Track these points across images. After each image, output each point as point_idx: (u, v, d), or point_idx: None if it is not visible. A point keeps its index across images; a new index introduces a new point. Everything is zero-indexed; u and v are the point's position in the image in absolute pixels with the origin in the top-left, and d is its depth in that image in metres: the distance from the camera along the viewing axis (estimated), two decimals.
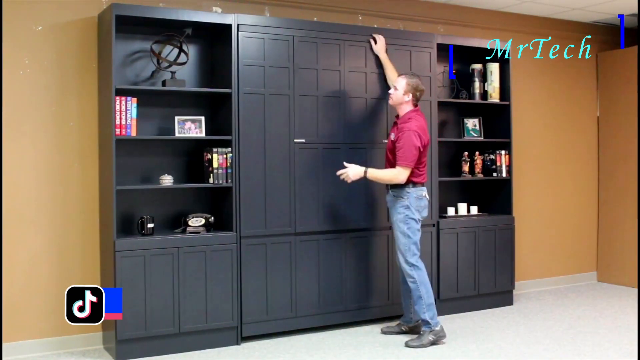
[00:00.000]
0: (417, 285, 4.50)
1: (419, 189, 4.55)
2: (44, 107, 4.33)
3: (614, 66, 6.54)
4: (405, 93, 4.54)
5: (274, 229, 4.60)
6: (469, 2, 5.75)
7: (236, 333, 4.51)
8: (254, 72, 4.50)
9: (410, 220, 4.51)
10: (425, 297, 4.49)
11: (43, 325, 4.32)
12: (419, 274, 4.50)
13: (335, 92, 4.81)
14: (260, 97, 4.53)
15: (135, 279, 4.18)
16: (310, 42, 4.70)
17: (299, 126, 4.67)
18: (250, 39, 4.49)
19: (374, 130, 4.97)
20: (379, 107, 4.97)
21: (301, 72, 4.66)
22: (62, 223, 4.38)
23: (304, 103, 4.68)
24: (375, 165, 4.81)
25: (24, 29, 4.26)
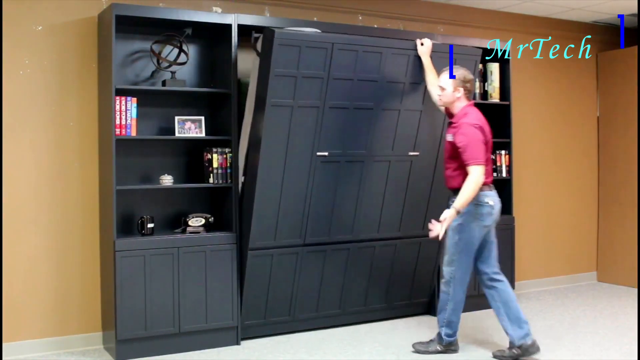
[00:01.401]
0: (448, 300, 4.17)
1: (480, 194, 4.01)
2: (44, 107, 4.33)
3: (614, 66, 6.54)
4: (455, 89, 4.12)
5: (284, 240, 4.52)
6: (469, 2, 5.75)
7: (236, 333, 4.51)
8: (285, 83, 4.17)
9: (466, 229, 4.04)
10: (449, 314, 4.18)
11: (43, 325, 4.33)
12: (455, 290, 4.15)
13: (369, 103, 4.51)
14: (288, 109, 4.24)
15: (135, 279, 4.18)
16: (350, 50, 4.32)
17: (325, 138, 4.41)
18: (286, 46, 4.09)
19: (402, 142, 4.72)
20: (412, 119, 4.70)
21: (335, 82, 4.34)
22: (62, 223, 4.38)
23: (334, 115, 4.40)
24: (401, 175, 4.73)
25: (24, 29, 4.26)
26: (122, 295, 4.14)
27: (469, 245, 4.08)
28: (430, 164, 4.87)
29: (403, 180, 4.81)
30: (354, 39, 4.36)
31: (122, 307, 4.14)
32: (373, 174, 4.67)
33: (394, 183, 4.78)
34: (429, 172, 4.89)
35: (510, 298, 4.19)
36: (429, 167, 4.88)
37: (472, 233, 4.06)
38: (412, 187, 4.86)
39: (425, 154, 4.83)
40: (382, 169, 4.70)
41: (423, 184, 4.91)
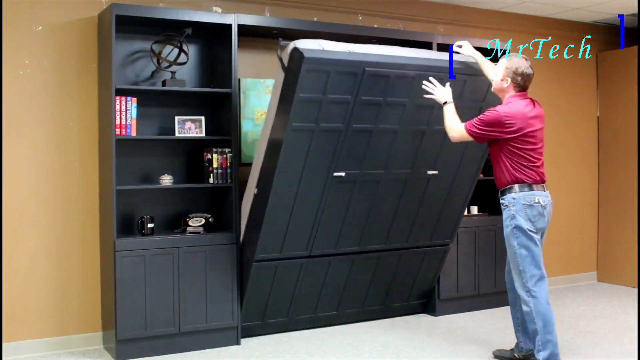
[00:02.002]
0: (533, 317, 3.77)
1: (528, 193, 3.79)
2: (44, 107, 4.33)
3: (614, 66, 6.54)
4: (503, 78, 3.89)
5: (289, 252, 4.48)
6: (469, 2, 5.75)
7: (236, 333, 4.50)
8: (309, 107, 3.95)
9: (519, 232, 3.79)
10: (542, 332, 3.74)
11: (43, 325, 4.33)
12: (535, 303, 3.75)
13: (394, 126, 4.32)
14: (309, 133, 4.05)
15: (135, 279, 4.18)
16: (381, 75, 4.08)
17: (343, 159, 4.26)
18: (314, 72, 3.84)
19: (422, 162, 4.58)
20: (436, 139, 4.50)
21: (362, 106, 4.13)
22: (62, 223, 4.38)
23: (356, 137, 4.23)
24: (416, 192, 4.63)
25: (24, 29, 4.26)
26: (122, 295, 4.14)
27: (529, 249, 3.78)
28: (447, 181, 4.77)
29: (417, 197, 4.70)
30: (386, 60, 4.07)
31: (122, 307, 4.14)
32: (388, 192, 4.56)
33: (407, 199, 4.67)
34: (445, 188, 4.78)
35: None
36: (446, 184, 4.76)
37: (528, 236, 3.79)
38: (426, 202, 4.77)
39: (444, 172, 4.70)
40: (397, 187, 4.58)
41: (437, 200, 4.81)
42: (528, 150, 3.81)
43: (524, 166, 3.81)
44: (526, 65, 3.87)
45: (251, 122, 4.93)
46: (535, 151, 3.84)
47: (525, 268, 3.78)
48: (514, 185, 3.82)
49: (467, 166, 4.78)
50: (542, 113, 3.96)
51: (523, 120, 3.78)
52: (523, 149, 3.80)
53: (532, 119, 3.83)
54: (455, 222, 5.04)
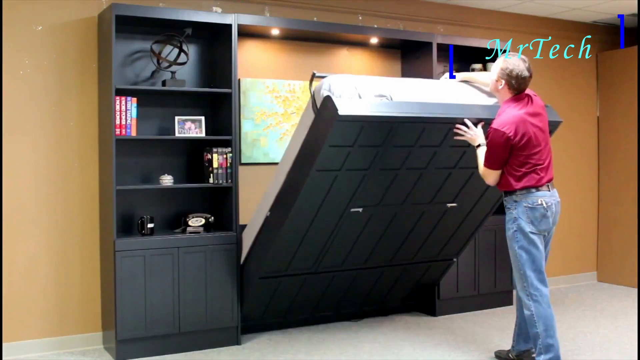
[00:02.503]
0: (534, 320, 3.71)
1: (531, 195, 3.72)
2: (44, 107, 4.33)
3: (614, 66, 6.54)
4: (497, 79, 3.79)
5: (295, 269, 4.45)
6: (469, 2, 5.75)
7: (236, 333, 4.50)
8: (337, 152, 3.76)
9: (521, 235, 3.72)
10: (543, 336, 3.69)
11: (43, 325, 4.33)
12: (537, 307, 3.70)
13: (421, 166, 4.15)
14: (333, 174, 3.88)
15: (135, 279, 4.18)
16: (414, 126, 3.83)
17: (363, 197, 4.13)
18: (346, 122, 3.58)
19: (443, 196, 4.43)
20: (462, 176, 4.36)
21: (392, 149, 3.92)
22: (62, 223, 4.38)
23: (380, 176, 4.06)
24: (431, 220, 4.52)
25: (24, 29, 4.26)
26: (122, 295, 4.14)
27: (530, 252, 3.72)
28: (465, 211, 4.66)
29: (431, 225, 4.62)
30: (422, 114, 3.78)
31: (122, 307, 4.14)
32: (403, 222, 4.46)
33: (422, 226, 4.59)
34: (461, 216, 4.69)
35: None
36: (463, 213, 4.67)
37: (529, 239, 3.72)
38: (440, 228, 4.69)
39: (464, 204, 4.58)
40: (413, 217, 4.48)
41: (452, 226, 4.74)
42: (532, 154, 3.71)
43: (528, 171, 3.71)
44: (522, 68, 3.75)
45: (251, 122, 4.93)
46: (539, 153, 3.74)
47: (526, 272, 3.72)
48: (515, 189, 3.75)
49: (488, 198, 4.64)
50: (541, 105, 3.83)
51: (524, 127, 3.68)
52: (528, 155, 3.70)
53: (533, 118, 3.74)
54: (465, 242, 4.99)
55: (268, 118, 4.97)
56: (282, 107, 5.03)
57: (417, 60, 5.35)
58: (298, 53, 5.12)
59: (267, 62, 5.01)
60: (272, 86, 4.99)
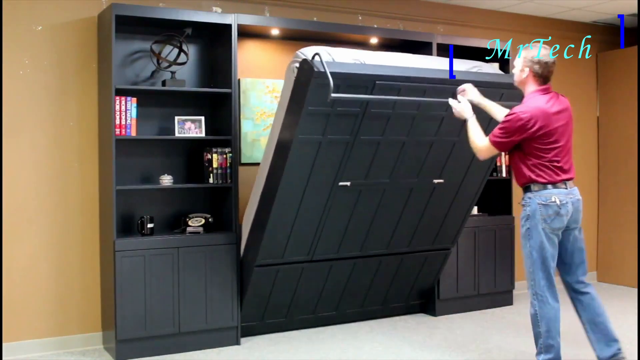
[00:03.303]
0: (537, 320, 3.69)
1: (545, 192, 3.59)
2: (43, 107, 4.33)
3: (614, 66, 6.54)
4: (521, 69, 3.70)
5: (291, 257, 4.46)
6: (469, 2, 5.75)
7: (236, 333, 4.50)
8: (317, 119, 3.86)
9: (533, 234, 3.61)
10: (545, 337, 3.67)
11: (43, 325, 4.33)
12: (541, 307, 3.67)
13: (402, 135, 4.24)
14: (316, 144, 3.98)
15: (135, 279, 4.18)
16: (392, 88, 3.95)
17: (349, 169, 4.21)
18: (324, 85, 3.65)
19: (428, 171, 4.51)
20: (445, 148, 4.46)
21: (371, 117, 4.03)
22: (62, 223, 4.38)
23: (363, 147, 4.15)
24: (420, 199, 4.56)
25: (24, 29, 4.26)
26: (122, 295, 4.14)
27: (541, 251, 3.61)
28: (453, 189, 4.71)
29: (422, 204, 4.65)
30: (397, 73, 3.93)
31: (122, 307, 4.14)
32: (393, 199, 4.51)
33: (412, 206, 4.63)
34: (450, 195, 4.74)
35: (595, 313, 3.80)
36: (452, 191, 4.72)
37: (541, 238, 3.60)
38: (430, 209, 4.72)
39: (451, 180, 4.64)
40: (402, 195, 4.53)
41: (442, 206, 4.77)
42: (549, 149, 3.59)
43: (543, 166, 3.59)
44: (545, 53, 3.67)
45: (251, 122, 4.93)
46: (559, 149, 3.60)
47: (535, 271, 3.64)
48: (530, 184, 3.63)
49: (474, 174, 4.72)
50: (566, 106, 3.72)
51: (544, 118, 3.56)
52: (544, 149, 3.58)
53: (556, 114, 3.61)
54: (458, 228, 5.01)
55: (268, 118, 4.97)
56: None
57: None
58: None
59: (267, 62, 5.01)
60: (272, 86, 4.99)
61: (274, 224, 4.19)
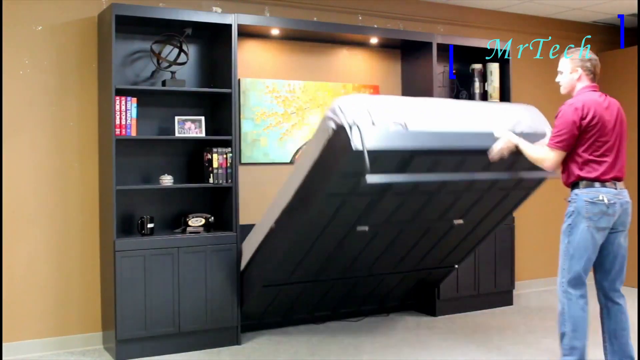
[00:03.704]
0: (565, 319, 3.56)
1: (593, 189, 3.49)
2: (43, 107, 4.33)
3: (614, 66, 6.54)
4: (572, 71, 3.64)
5: (297, 278, 4.44)
6: (469, 2, 5.75)
7: (236, 333, 4.50)
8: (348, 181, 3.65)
9: (575, 231, 3.51)
10: (570, 337, 3.53)
11: (43, 325, 4.33)
12: (570, 307, 3.54)
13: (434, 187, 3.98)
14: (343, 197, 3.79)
15: (135, 279, 4.18)
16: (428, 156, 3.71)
17: (371, 217, 4.03)
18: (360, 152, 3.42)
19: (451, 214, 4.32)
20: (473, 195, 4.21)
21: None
22: (62, 223, 4.38)
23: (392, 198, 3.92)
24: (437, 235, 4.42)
25: (24, 29, 4.26)
26: (122, 295, 4.14)
27: (580, 250, 3.50)
28: (471, 226, 4.57)
29: (437, 238, 4.57)
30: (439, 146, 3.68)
31: (122, 307, 4.14)
32: (408, 236, 4.41)
33: (427, 240, 4.55)
34: (467, 231, 4.62)
35: (620, 327, 3.70)
36: (469, 228, 4.59)
37: (584, 236, 3.50)
38: (444, 242, 4.63)
39: (470, 220, 4.48)
40: (419, 232, 4.42)
41: (455, 239, 4.68)
42: (600, 144, 3.51)
43: (593, 162, 3.50)
44: (590, 53, 3.67)
45: (251, 122, 4.93)
46: (608, 144, 3.52)
47: (569, 269, 3.54)
48: (578, 181, 3.54)
49: (496, 214, 4.55)
50: (618, 107, 3.70)
51: (597, 109, 3.51)
52: (595, 144, 3.50)
53: (607, 110, 3.58)
54: (467, 252, 4.94)
55: (268, 118, 4.98)
56: (282, 107, 5.03)
57: (417, 60, 5.35)
58: (298, 53, 5.12)
59: (267, 62, 5.01)
60: (272, 86, 4.99)
61: (285, 255, 4.13)
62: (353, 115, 3.45)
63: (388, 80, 5.48)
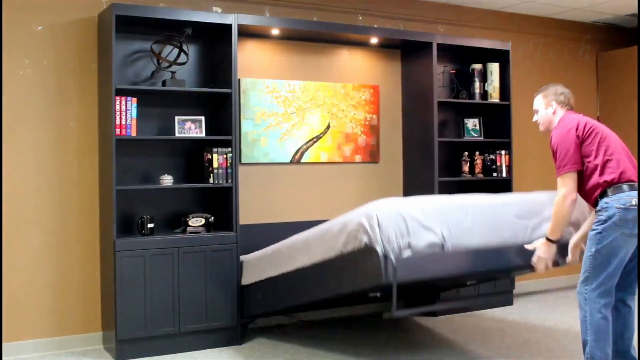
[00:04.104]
0: (587, 327, 3.38)
1: (623, 195, 3.29)
2: (43, 107, 4.33)
3: (614, 66, 6.54)
4: (547, 106, 3.64)
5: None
6: (469, 2, 5.75)
7: (236, 333, 4.50)
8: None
9: (605, 240, 3.30)
10: (592, 346, 3.35)
11: (43, 325, 4.32)
12: (592, 315, 3.35)
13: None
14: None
15: (135, 279, 4.18)
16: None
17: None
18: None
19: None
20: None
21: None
22: (62, 223, 4.38)
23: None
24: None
25: (24, 29, 4.26)
26: (122, 295, 4.14)
27: (610, 258, 3.31)
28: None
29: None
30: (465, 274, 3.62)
31: (122, 307, 4.14)
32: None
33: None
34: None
35: (627, 329, 3.58)
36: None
37: (616, 243, 3.30)
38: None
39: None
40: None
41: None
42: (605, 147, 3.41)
43: (608, 161, 3.37)
44: (562, 86, 3.68)
45: (251, 122, 4.93)
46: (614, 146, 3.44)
47: (595, 277, 3.36)
48: (605, 189, 3.36)
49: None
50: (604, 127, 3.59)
51: (588, 120, 3.49)
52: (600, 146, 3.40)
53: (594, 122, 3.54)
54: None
55: (268, 118, 4.98)
56: (282, 107, 5.03)
57: (417, 60, 5.35)
58: (298, 53, 5.12)
59: (267, 62, 5.01)
60: (272, 86, 4.99)
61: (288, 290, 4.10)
62: (389, 233, 3.26)
63: (388, 80, 5.48)
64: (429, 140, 5.23)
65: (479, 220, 3.55)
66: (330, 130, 5.21)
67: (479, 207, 3.59)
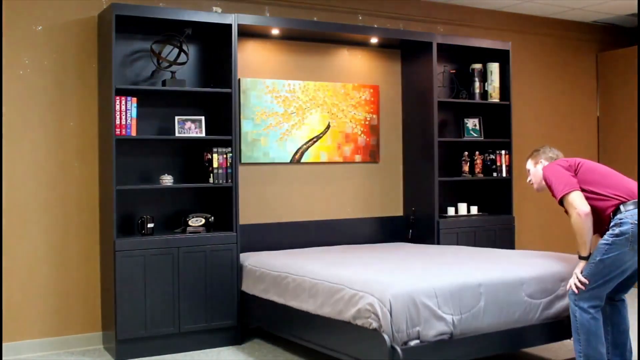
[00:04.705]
0: (577, 328, 3.50)
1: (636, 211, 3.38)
2: (44, 107, 4.33)
3: (614, 66, 6.54)
4: (536, 164, 3.79)
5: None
6: (469, 2, 5.75)
7: (236, 333, 4.50)
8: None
9: (613, 252, 3.38)
10: (584, 345, 3.44)
11: (43, 325, 4.32)
12: (581, 314, 3.47)
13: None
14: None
15: (135, 279, 4.18)
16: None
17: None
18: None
19: None
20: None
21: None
22: (62, 223, 4.38)
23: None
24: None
25: (24, 29, 4.26)
26: (122, 295, 4.14)
27: (611, 269, 3.41)
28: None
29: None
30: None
31: (122, 307, 4.14)
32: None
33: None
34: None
35: (623, 321, 3.68)
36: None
37: (622, 257, 3.39)
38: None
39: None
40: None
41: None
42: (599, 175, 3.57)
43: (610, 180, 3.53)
44: (550, 147, 3.82)
45: (251, 122, 4.93)
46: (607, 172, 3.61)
47: (594, 281, 3.45)
48: (619, 205, 3.45)
49: None
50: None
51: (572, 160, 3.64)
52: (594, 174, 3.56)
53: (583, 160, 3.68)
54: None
55: (268, 118, 4.98)
56: (282, 107, 5.03)
57: (417, 60, 5.35)
58: (298, 53, 5.12)
59: (267, 62, 5.01)
60: (272, 86, 4.99)
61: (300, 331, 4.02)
62: (400, 323, 3.23)
63: (388, 80, 5.48)
64: (429, 140, 5.23)
65: (491, 301, 3.54)
66: (330, 130, 5.21)
67: (493, 286, 3.58)
